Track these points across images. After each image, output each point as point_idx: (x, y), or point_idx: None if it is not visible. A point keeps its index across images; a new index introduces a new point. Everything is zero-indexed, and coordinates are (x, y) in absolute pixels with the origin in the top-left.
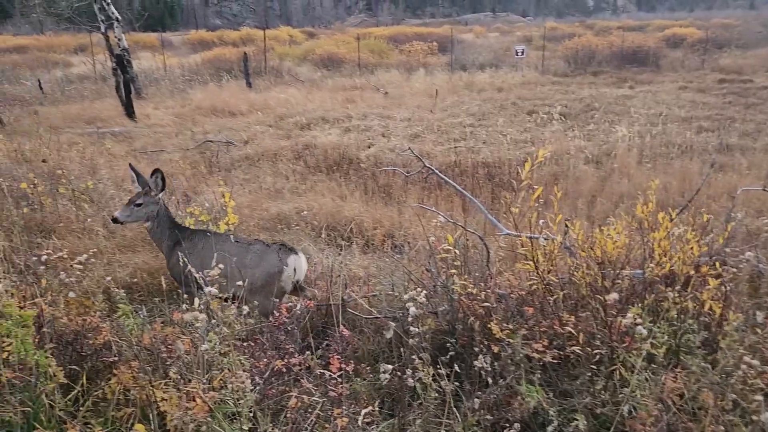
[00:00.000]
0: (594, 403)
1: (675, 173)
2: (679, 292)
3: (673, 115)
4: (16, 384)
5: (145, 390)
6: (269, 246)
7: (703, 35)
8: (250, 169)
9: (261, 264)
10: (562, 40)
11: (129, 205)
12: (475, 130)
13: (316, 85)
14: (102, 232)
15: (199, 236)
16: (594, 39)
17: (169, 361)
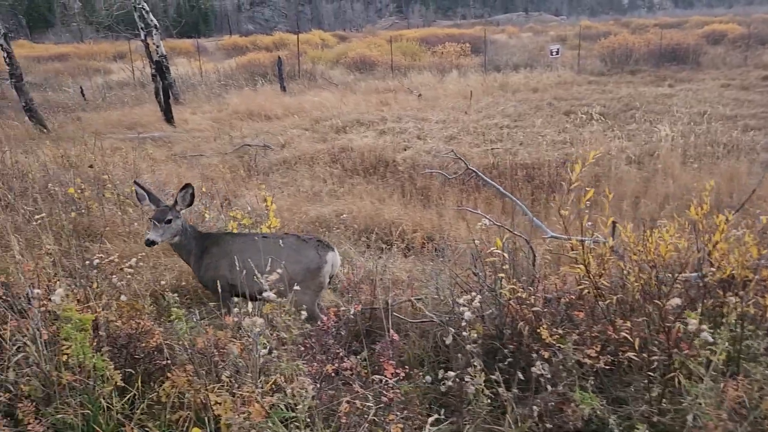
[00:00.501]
0: (651, 411)
1: (722, 173)
2: (741, 297)
3: (717, 113)
4: (75, 387)
5: (200, 393)
6: (306, 241)
7: (745, 31)
8: (288, 173)
9: (299, 259)
10: (598, 39)
11: (159, 224)
12: (511, 131)
13: (349, 88)
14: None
15: (226, 239)
16: (631, 37)
17: (221, 365)
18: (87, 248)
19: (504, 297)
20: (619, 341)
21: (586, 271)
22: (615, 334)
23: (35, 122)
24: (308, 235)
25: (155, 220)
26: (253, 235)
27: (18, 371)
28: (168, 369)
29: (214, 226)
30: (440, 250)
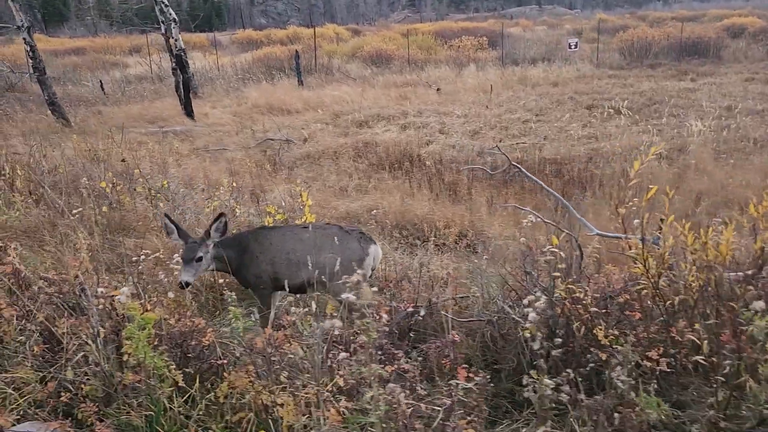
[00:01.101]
0: (717, 416)
1: (755, 170)
2: None
3: (744, 108)
4: (137, 387)
5: (262, 395)
6: (349, 232)
7: (766, 24)
8: (312, 167)
9: (342, 250)
10: (614, 33)
11: (189, 263)
12: (534, 125)
13: (367, 82)
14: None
15: (263, 233)
16: (650, 31)
17: (279, 366)
18: (121, 243)
19: (560, 297)
20: (681, 343)
21: (645, 271)
22: (678, 336)
23: (58, 116)
24: (351, 227)
25: (184, 260)
26: (293, 227)
27: (76, 370)
28: (223, 368)
29: (246, 221)
30: (472, 246)
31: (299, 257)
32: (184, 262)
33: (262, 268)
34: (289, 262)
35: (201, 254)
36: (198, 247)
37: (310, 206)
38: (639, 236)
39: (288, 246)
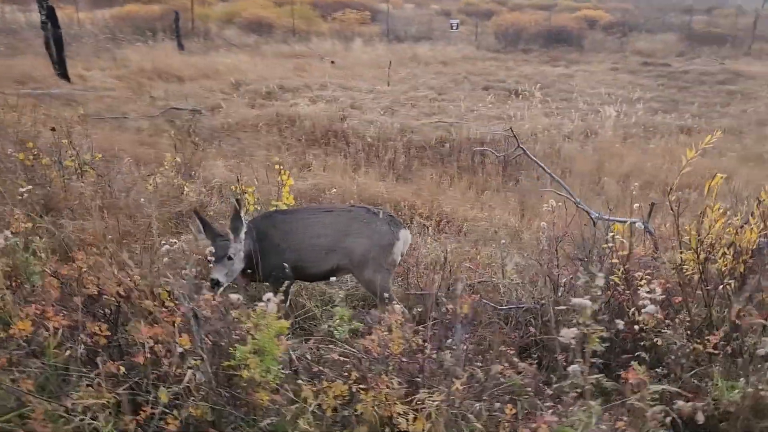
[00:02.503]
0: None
1: (657, 153)
2: None
3: (621, 95)
4: (269, 407)
5: (393, 407)
6: (376, 214)
7: (613, 18)
8: (234, 141)
9: (371, 234)
10: (481, 16)
11: (220, 261)
12: (441, 104)
13: (256, 51)
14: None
15: (279, 220)
16: (522, 17)
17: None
18: (60, 225)
19: (618, 283)
20: (739, 327)
21: (696, 255)
22: (738, 320)
23: None
24: (378, 208)
25: (215, 259)
26: (314, 210)
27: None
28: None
29: (197, 200)
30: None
31: (326, 243)
32: (215, 260)
33: (286, 256)
34: (315, 248)
35: (232, 253)
36: (229, 245)
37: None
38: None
39: (312, 231)
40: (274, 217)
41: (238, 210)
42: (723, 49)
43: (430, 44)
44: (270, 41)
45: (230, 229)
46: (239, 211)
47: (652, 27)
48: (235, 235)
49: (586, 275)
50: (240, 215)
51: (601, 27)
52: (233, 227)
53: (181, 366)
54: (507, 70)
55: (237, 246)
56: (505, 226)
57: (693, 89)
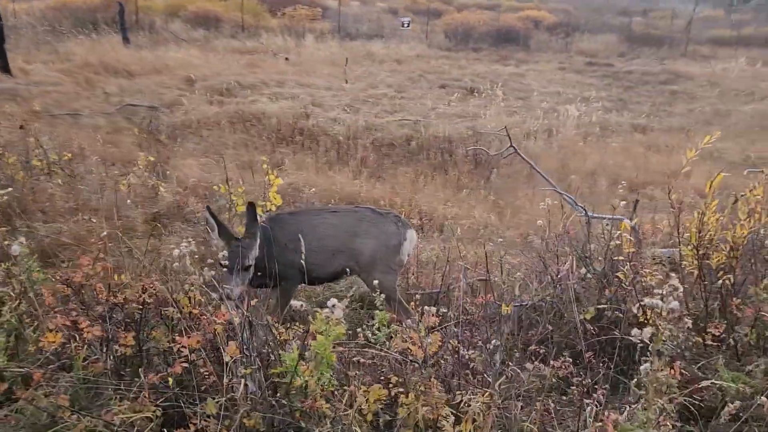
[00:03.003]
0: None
1: (616, 152)
2: None
3: (573, 94)
4: (325, 414)
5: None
6: (383, 215)
7: (556, 19)
8: (197, 139)
9: (378, 234)
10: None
11: (236, 272)
12: (401, 102)
13: (205, 46)
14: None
15: (286, 221)
16: (470, 16)
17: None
18: (35, 229)
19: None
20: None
21: (696, 251)
22: (738, 312)
23: None
24: (384, 209)
25: (230, 268)
26: (320, 212)
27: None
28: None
29: (174, 201)
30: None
31: (333, 244)
32: (230, 269)
33: (293, 259)
34: (323, 250)
35: (250, 262)
36: (247, 252)
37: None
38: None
39: (320, 233)
40: (280, 219)
41: (255, 213)
42: (661, 50)
43: (383, 42)
44: (219, 36)
45: (247, 235)
46: (255, 213)
47: (592, 28)
48: (252, 241)
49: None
50: (257, 218)
51: (544, 27)
52: (250, 232)
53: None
54: (460, 68)
55: (254, 253)
56: (486, 225)
57: (638, 89)
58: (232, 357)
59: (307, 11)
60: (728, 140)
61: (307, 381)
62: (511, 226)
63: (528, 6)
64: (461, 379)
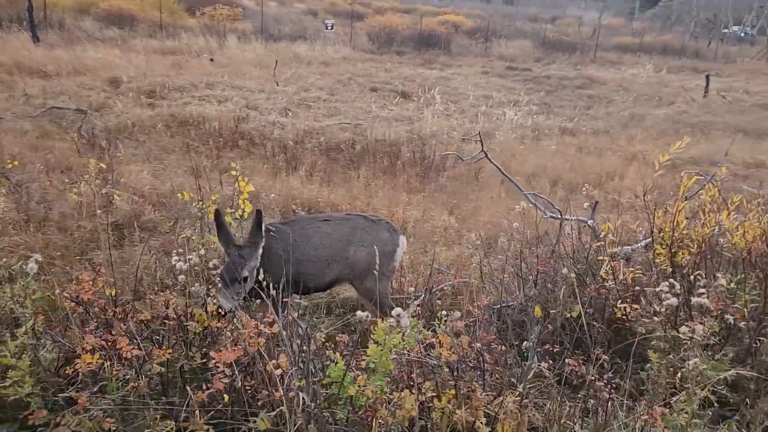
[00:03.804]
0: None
1: (551, 154)
2: None
3: (500, 98)
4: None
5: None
6: (376, 222)
7: (474, 24)
8: (135, 144)
9: (372, 242)
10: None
11: (230, 285)
12: (335, 105)
13: (123, 46)
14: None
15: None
16: (393, 20)
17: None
18: None
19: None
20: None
21: (670, 249)
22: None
23: None
24: (375, 216)
25: (226, 281)
26: (311, 220)
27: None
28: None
29: (131, 210)
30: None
31: (327, 254)
32: (228, 282)
33: (288, 269)
34: (317, 259)
35: (246, 273)
36: (245, 263)
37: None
38: (587, 219)
39: (314, 242)
40: (276, 228)
41: (260, 220)
42: (573, 56)
43: (308, 44)
44: (135, 35)
45: (248, 243)
46: (261, 222)
47: (508, 33)
48: (253, 250)
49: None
50: (261, 227)
51: (463, 32)
52: (252, 241)
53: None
54: (386, 71)
55: (253, 264)
56: (446, 228)
57: (558, 93)
58: (284, 369)
59: (227, 11)
60: (647, 143)
61: (363, 390)
62: (471, 228)
63: (445, 11)
64: (494, 380)
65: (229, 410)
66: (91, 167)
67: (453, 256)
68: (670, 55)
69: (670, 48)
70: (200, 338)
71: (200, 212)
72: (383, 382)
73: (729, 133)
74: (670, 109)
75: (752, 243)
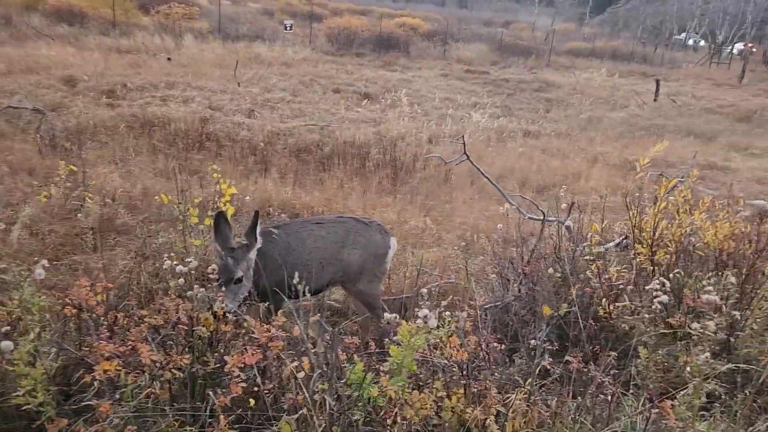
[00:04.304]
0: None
1: (517, 155)
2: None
3: (461, 100)
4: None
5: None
6: (368, 224)
7: (431, 27)
8: (98, 145)
9: (366, 244)
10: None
11: (226, 285)
12: (300, 106)
13: (74, 43)
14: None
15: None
16: (352, 21)
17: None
18: None
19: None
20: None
21: (651, 249)
22: (693, 303)
23: None
24: (366, 218)
25: (223, 281)
26: (305, 223)
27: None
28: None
29: (105, 213)
30: None
31: (322, 256)
32: (220, 283)
33: (283, 273)
34: (312, 262)
35: (240, 274)
36: (237, 264)
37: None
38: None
39: (309, 245)
40: (271, 232)
41: (257, 222)
42: (529, 60)
43: (267, 44)
44: (87, 33)
45: (243, 243)
46: (257, 223)
47: (464, 37)
48: (246, 251)
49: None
50: (257, 229)
51: (421, 35)
52: (248, 243)
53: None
54: (347, 73)
55: (245, 264)
56: (424, 229)
57: (517, 96)
58: (307, 372)
59: (183, 10)
60: (607, 145)
61: (385, 391)
62: (448, 230)
63: (402, 13)
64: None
65: (248, 414)
66: (61, 169)
67: (434, 258)
68: (620, 60)
69: (620, 53)
70: (210, 342)
71: (181, 215)
72: (405, 382)
73: (680, 136)
74: (625, 113)
75: (723, 242)
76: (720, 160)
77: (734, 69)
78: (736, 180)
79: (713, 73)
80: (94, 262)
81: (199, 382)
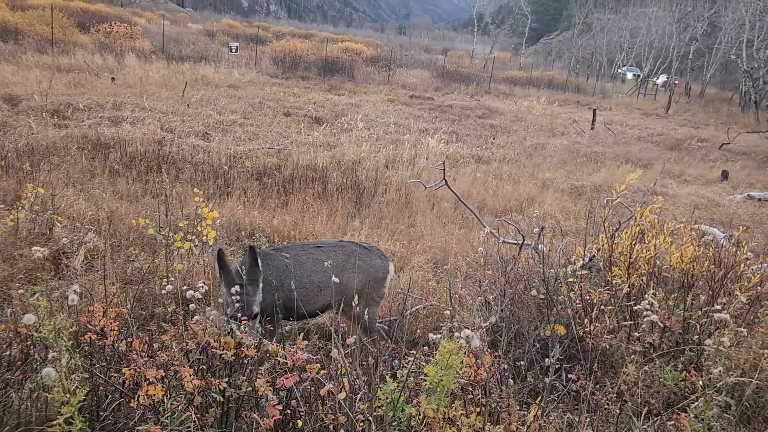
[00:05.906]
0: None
1: (471, 180)
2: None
3: (412, 125)
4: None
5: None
6: (368, 248)
7: (374, 53)
8: (51, 167)
9: (366, 268)
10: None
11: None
12: (252, 129)
13: (10, 60)
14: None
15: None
16: (297, 45)
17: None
18: None
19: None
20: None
21: (628, 272)
22: (666, 321)
23: None
24: (367, 243)
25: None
26: (304, 247)
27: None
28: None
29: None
30: None
31: (320, 280)
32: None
33: (278, 295)
34: (310, 285)
35: (257, 309)
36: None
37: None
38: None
39: (307, 269)
40: (269, 255)
41: (256, 257)
42: (470, 87)
43: (213, 66)
44: (23, 50)
45: (249, 280)
46: (256, 257)
47: (406, 63)
48: (256, 287)
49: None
50: (258, 263)
51: (364, 60)
52: (252, 278)
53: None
54: (295, 96)
55: (258, 299)
56: (393, 252)
57: (463, 122)
58: (348, 393)
59: (125, 29)
60: (553, 171)
61: (423, 409)
62: (419, 252)
63: (343, 38)
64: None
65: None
66: (29, 192)
67: (405, 281)
68: (556, 89)
69: (555, 82)
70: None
71: (165, 239)
72: (443, 401)
73: (619, 163)
74: (565, 140)
75: (688, 264)
76: (659, 186)
77: (660, 100)
78: (674, 205)
79: (641, 104)
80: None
81: (231, 405)
